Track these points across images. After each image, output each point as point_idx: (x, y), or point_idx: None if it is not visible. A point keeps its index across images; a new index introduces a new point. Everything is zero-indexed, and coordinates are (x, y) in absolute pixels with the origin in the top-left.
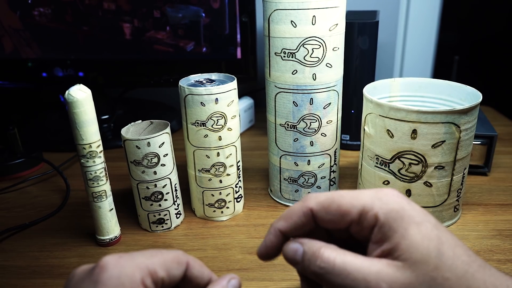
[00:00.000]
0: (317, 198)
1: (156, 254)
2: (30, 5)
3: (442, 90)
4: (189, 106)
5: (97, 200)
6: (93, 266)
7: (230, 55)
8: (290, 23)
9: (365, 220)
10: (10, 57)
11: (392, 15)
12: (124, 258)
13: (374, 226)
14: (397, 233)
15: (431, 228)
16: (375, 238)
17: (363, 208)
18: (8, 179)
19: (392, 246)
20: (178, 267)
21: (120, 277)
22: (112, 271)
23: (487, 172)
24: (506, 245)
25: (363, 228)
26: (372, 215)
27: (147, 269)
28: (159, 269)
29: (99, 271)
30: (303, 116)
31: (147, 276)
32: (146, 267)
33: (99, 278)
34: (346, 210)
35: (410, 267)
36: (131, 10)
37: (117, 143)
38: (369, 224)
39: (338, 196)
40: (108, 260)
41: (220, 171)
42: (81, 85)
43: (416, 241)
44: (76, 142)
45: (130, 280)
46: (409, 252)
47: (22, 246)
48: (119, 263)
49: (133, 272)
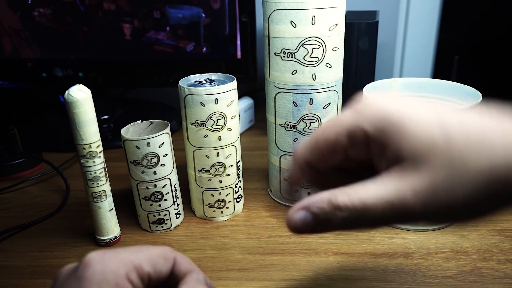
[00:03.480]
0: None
1: (141, 250)
2: (30, 5)
3: (442, 90)
4: (189, 106)
5: (97, 200)
6: (78, 263)
7: (230, 55)
8: (289, 23)
9: (356, 142)
10: (10, 57)
11: (392, 15)
12: (108, 254)
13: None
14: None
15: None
16: (376, 151)
17: (347, 131)
18: (8, 179)
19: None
20: (165, 263)
21: (104, 272)
22: (96, 266)
23: None
24: (506, 245)
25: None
26: (360, 133)
27: (132, 264)
28: (144, 264)
29: (83, 268)
30: (303, 116)
31: (132, 271)
32: (131, 262)
33: (83, 274)
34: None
35: (424, 165)
36: (131, 11)
37: (117, 143)
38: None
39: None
40: (92, 256)
41: (220, 171)
42: (81, 85)
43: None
44: (76, 142)
45: (115, 275)
46: (414, 148)
47: (22, 246)
48: (103, 259)
49: (118, 267)
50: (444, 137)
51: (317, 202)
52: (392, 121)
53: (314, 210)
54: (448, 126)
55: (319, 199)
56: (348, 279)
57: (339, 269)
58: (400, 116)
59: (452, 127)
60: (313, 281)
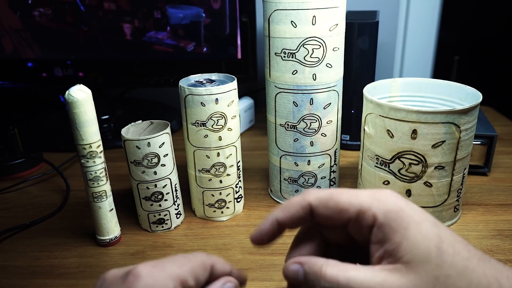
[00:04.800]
0: (317, 194)
1: (185, 262)
2: (30, 5)
3: (442, 90)
4: (189, 106)
5: (97, 200)
6: (125, 272)
7: (230, 55)
8: (290, 23)
9: (363, 220)
10: (10, 57)
11: (392, 15)
12: (157, 268)
13: (372, 226)
14: (397, 233)
15: (430, 227)
16: (376, 239)
17: (361, 207)
18: (8, 179)
19: (394, 247)
20: (204, 273)
21: (153, 286)
22: (146, 280)
23: (487, 172)
24: (506, 245)
25: (362, 228)
26: (370, 214)
27: (179, 279)
28: (189, 278)
29: (133, 279)
30: (303, 116)
31: (178, 285)
32: (178, 277)
33: (132, 286)
34: (344, 207)
35: (413, 270)
36: (132, 10)
37: (117, 143)
38: (367, 223)
39: (337, 193)
40: (141, 269)
41: (220, 171)
42: (81, 85)
43: (416, 241)
44: (76, 142)
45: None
46: (411, 253)
47: (22, 246)
48: (152, 273)
49: (166, 282)
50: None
51: (311, 262)
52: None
53: (306, 269)
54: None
55: (315, 261)
56: None
57: None
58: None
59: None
60: None
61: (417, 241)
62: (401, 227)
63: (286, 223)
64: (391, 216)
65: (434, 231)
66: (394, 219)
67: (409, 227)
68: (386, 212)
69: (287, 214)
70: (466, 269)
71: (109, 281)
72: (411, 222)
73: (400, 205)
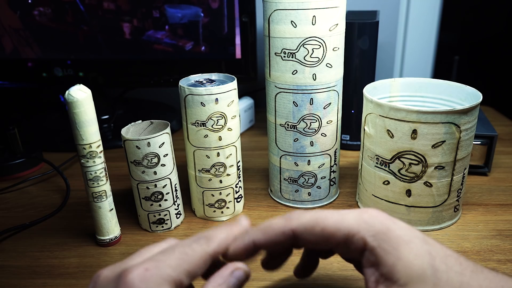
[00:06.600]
0: (300, 219)
1: (181, 263)
2: (30, 5)
3: (442, 90)
4: (189, 106)
5: (97, 200)
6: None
7: (229, 55)
8: (290, 23)
9: (351, 244)
10: (10, 57)
11: (392, 15)
12: (150, 272)
13: (363, 250)
14: (389, 254)
15: (420, 245)
16: (368, 262)
17: (348, 231)
18: (8, 179)
19: (387, 269)
20: (204, 266)
21: None
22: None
23: (487, 172)
24: (506, 245)
25: (350, 251)
26: (359, 238)
27: (173, 282)
28: (184, 278)
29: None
30: (303, 116)
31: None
32: (173, 280)
33: None
34: (331, 233)
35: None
36: (131, 10)
37: (117, 143)
38: (357, 247)
39: (323, 218)
40: (134, 276)
41: (220, 171)
42: (81, 85)
43: (409, 261)
44: (76, 142)
45: None
46: (406, 275)
47: (22, 246)
48: (145, 277)
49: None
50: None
51: None
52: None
53: None
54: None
55: None
56: (348, 279)
57: (339, 269)
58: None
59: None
60: (313, 281)
61: (410, 261)
62: (392, 248)
63: (263, 247)
64: (381, 238)
65: (424, 249)
66: (384, 240)
67: (400, 247)
68: (375, 234)
69: (266, 239)
70: (462, 284)
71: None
72: (401, 242)
73: (387, 225)
